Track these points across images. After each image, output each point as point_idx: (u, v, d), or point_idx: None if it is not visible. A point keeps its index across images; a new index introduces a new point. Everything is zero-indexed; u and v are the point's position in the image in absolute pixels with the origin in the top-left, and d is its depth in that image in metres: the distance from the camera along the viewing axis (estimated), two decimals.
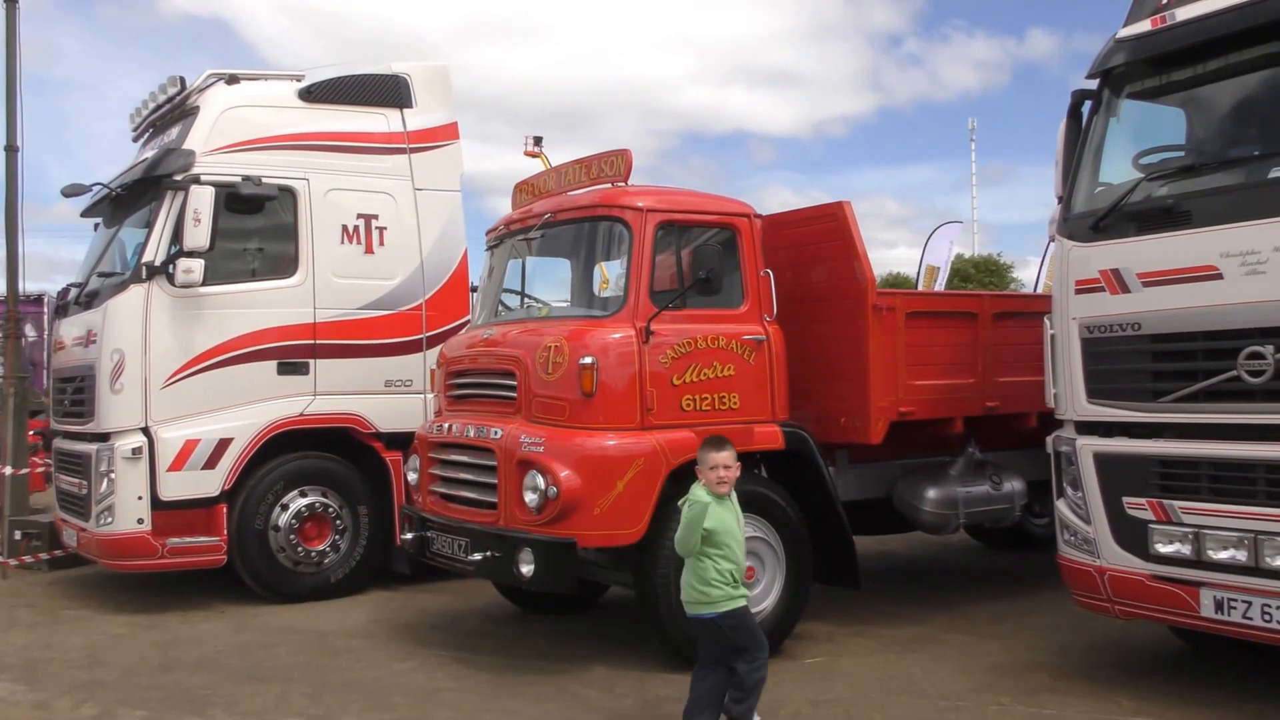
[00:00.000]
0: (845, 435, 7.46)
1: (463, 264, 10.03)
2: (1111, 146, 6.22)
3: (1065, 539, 6.25)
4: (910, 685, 6.32)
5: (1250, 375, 5.28)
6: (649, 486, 6.48)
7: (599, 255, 7.40)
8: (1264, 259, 5.21)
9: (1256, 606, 5.27)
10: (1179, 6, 5.84)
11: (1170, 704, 5.81)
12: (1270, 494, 5.25)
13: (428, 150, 9.95)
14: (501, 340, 7.34)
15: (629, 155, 7.16)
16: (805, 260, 7.57)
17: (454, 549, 7.05)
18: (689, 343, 6.80)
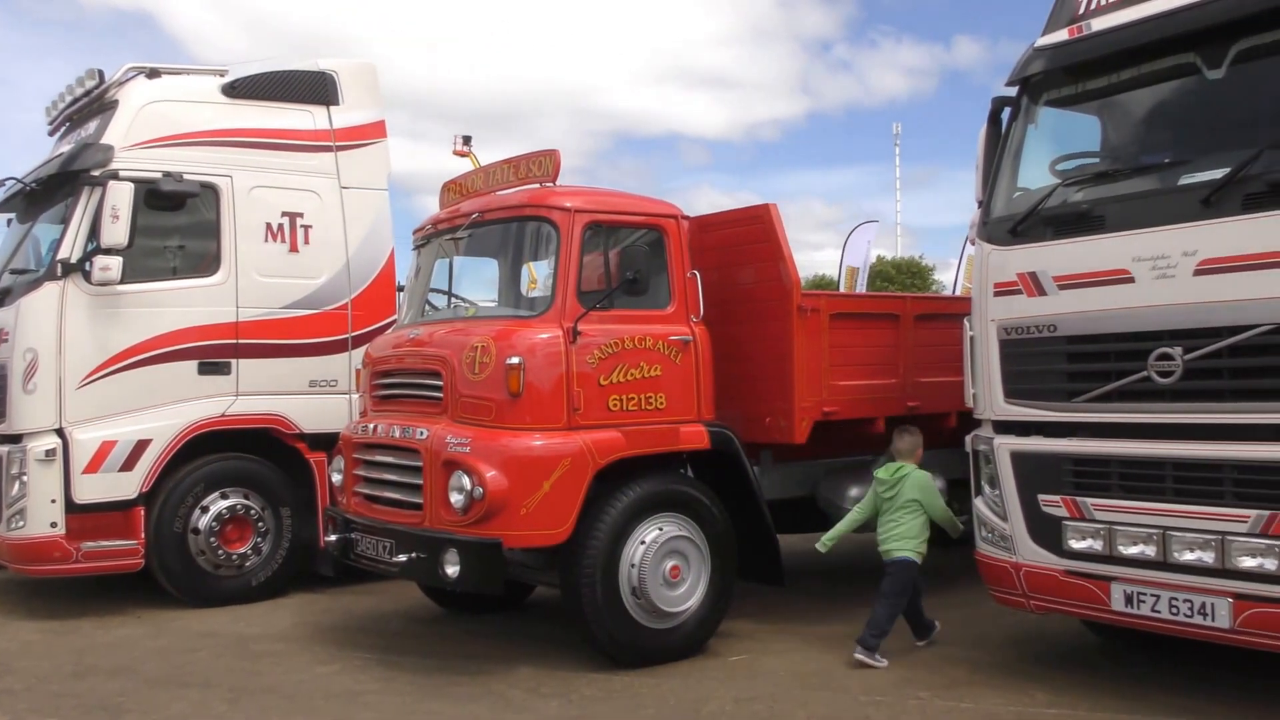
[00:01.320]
0: (770, 435, 7.53)
1: (389, 263, 9.94)
2: (1029, 152, 6.37)
3: (983, 536, 6.38)
4: (832, 681, 6.40)
5: (1160, 376, 5.43)
6: (575, 486, 6.49)
7: (526, 255, 7.40)
8: (1173, 263, 5.37)
9: (1164, 600, 5.43)
10: (1095, 17, 5.99)
11: (1083, 695, 5.96)
12: (1178, 491, 5.42)
13: (354, 148, 9.85)
14: (428, 340, 7.30)
15: (557, 155, 7.15)
16: (732, 262, 7.63)
17: (379, 550, 6.98)
18: (616, 343, 6.82)
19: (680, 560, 6.80)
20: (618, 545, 6.59)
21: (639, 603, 6.64)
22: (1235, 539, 5.16)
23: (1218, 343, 5.22)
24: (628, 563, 6.62)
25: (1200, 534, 5.29)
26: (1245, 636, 5.19)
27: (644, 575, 6.60)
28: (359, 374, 8.41)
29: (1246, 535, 5.12)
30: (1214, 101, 5.73)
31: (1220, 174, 5.24)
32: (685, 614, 6.84)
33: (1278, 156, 5.09)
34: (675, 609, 6.78)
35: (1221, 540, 5.20)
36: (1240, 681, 6.05)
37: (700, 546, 6.92)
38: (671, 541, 6.77)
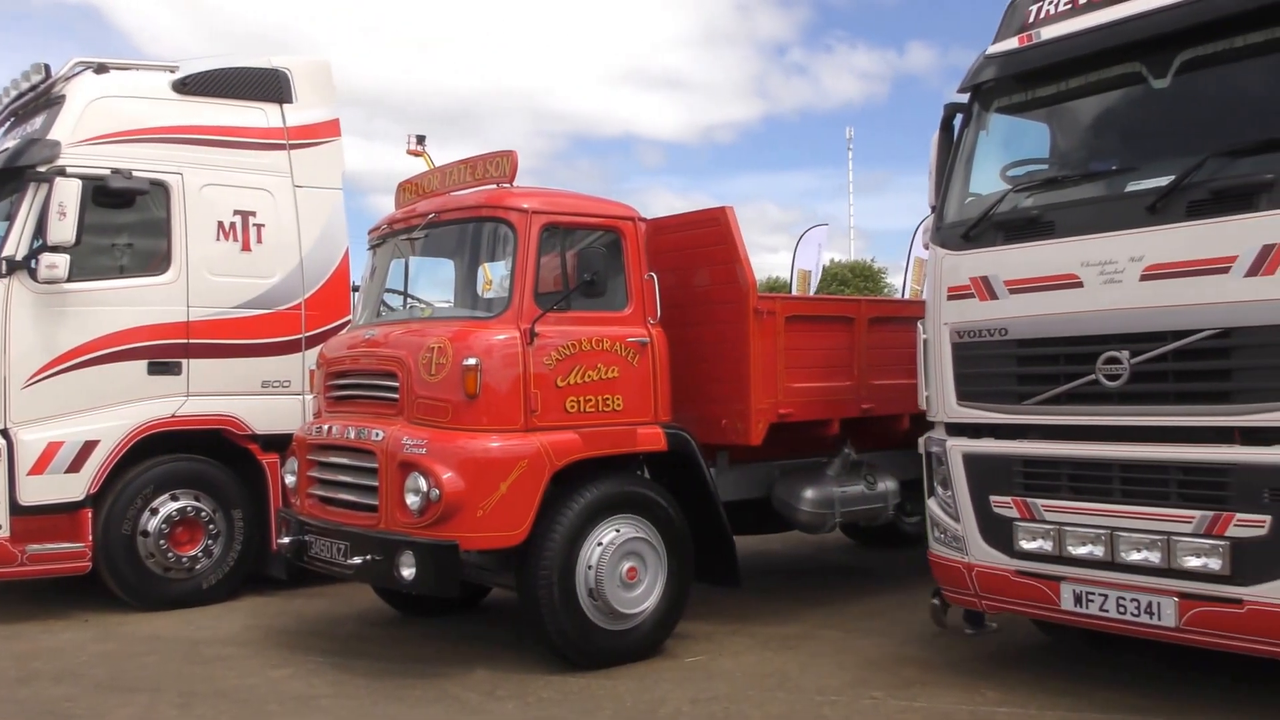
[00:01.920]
0: (726, 436, 7.57)
1: (344, 263, 9.85)
2: (981, 158, 6.46)
3: (935, 537, 6.46)
4: (787, 681, 6.45)
5: (1108, 379, 5.53)
6: (532, 488, 6.49)
7: (483, 256, 7.36)
8: (1121, 269, 5.47)
9: (1112, 599, 5.53)
10: (1044, 26, 6.09)
11: (1032, 693, 6.05)
12: (1125, 492, 5.52)
13: (308, 147, 9.75)
14: (384, 341, 7.26)
15: (514, 156, 7.15)
16: (689, 264, 7.66)
17: (333, 553, 6.93)
18: (573, 345, 6.82)
19: (637, 561, 6.82)
20: (575, 547, 6.59)
21: (596, 604, 6.65)
22: (1180, 539, 5.26)
23: (1163, 347, 5.32)
24: (585, 564, 6.63)
25: (1147, 534, 5.38)
26: (1190, 635, 5.29)
27: (601, 577, 6.61)
28: (313, 375, 8.35)
29: (1191, 535, 5.22)
30: (1160, 110, 5.84)
31: (1165, 181, 5.33)
32: (642, 615, 6.86)
33: (1220, 165, 5.20)
34: (632, 610, 6.80)
35: (1167, 540, 5.30)
36: (1185, 680, 6.17)
37: (657, 548, 6.94)
38: (628, 543, 6.79)
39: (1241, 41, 5.35)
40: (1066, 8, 6.02)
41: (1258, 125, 5.31)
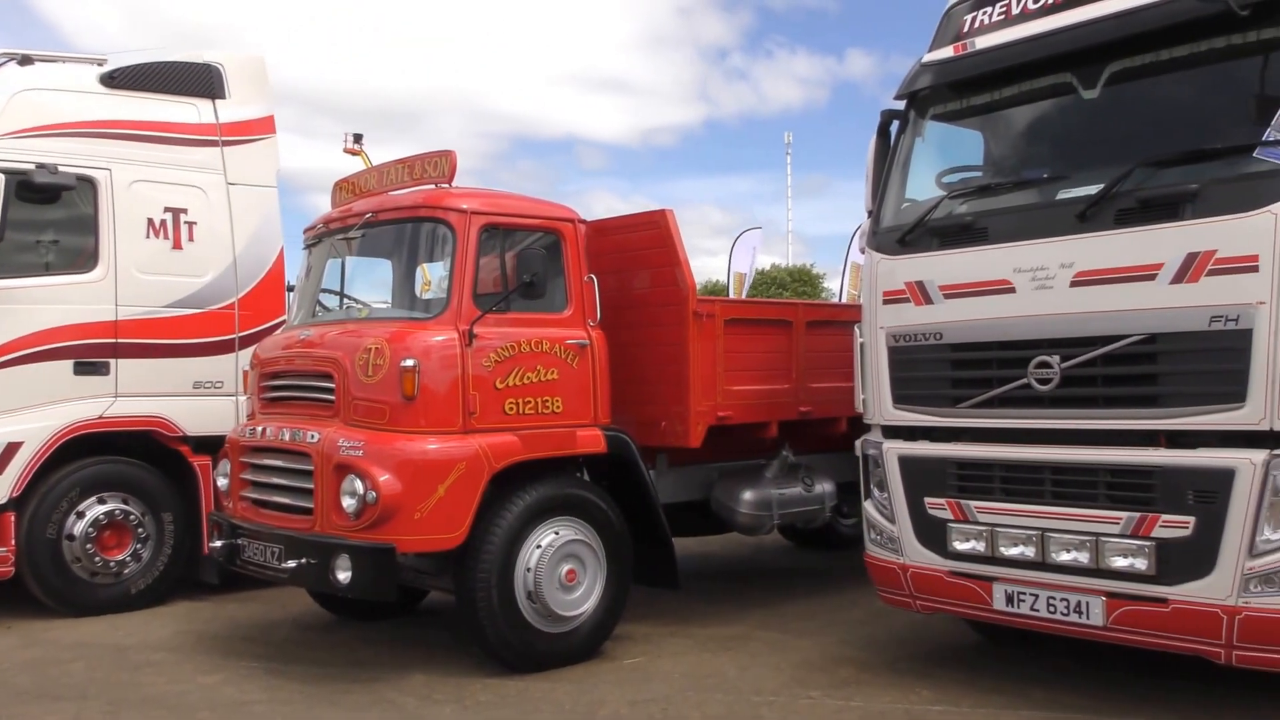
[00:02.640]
0: (665, 439, 7.59)
1: (279, 262, 9.71)
2: (917, 165, 6.54)
3: (872, 538, 6.54)
4: (725, 683, 6.49)
5: (1039, 383, 5.64)
6: (471, 490, 6.45)
7: (421, 257, 7.31)
8: (1052, 275, 5.58)
9: (1043, 599, 5.64)
10: (978, 36, 6.19)
11: (965, 692, 6.15)
12: (1056, 494, 5.62)
13: (241, 143, 9.60)
14: (319, 341, 7.17)
15: (453, 156, 7.10)
16: (629, 266, 7.67)
17: (266, 556, 6.83)
18: (512, 346, 6.80)
19: (576, 564, 6.82)
20: (513, 549, 6.57)
21: (534, 607, 6.63)
22: (1108, 540, 5.37)
23: (1092, 352, 5.43)
24: (523, 567, 6.61)
25: (1076, 535, 5.49)
26: (1116, 633, 5.41)
27: (540, 579, 6.60)
28: (246, 375, 8.22)
29: (1118, 536, 5.34)
30: (1090, 120, 5.97)
31: (1095, 190, 5.45)
32: (581, 618, 6.86)
33: (1147, 174, 5.33)
34: (571, 613, 6.79)
35: (1096, 541, 5.42)
36: (1113, 678, 6.31)
37: (596, 550, 6.94)
38: (567, 545, 6.78)
39: (1167, 55, 5.49)
40: (1000, 18, 6.12)
41: (1183, 136, 5.47)
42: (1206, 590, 5.05)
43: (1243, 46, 5.23)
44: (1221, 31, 5.22)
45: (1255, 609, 4.92)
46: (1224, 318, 5.00)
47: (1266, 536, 4.90)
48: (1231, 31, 5.20)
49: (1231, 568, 4.97)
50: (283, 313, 9.35)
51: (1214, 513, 5.02)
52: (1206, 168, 5.21)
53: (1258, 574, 4.91)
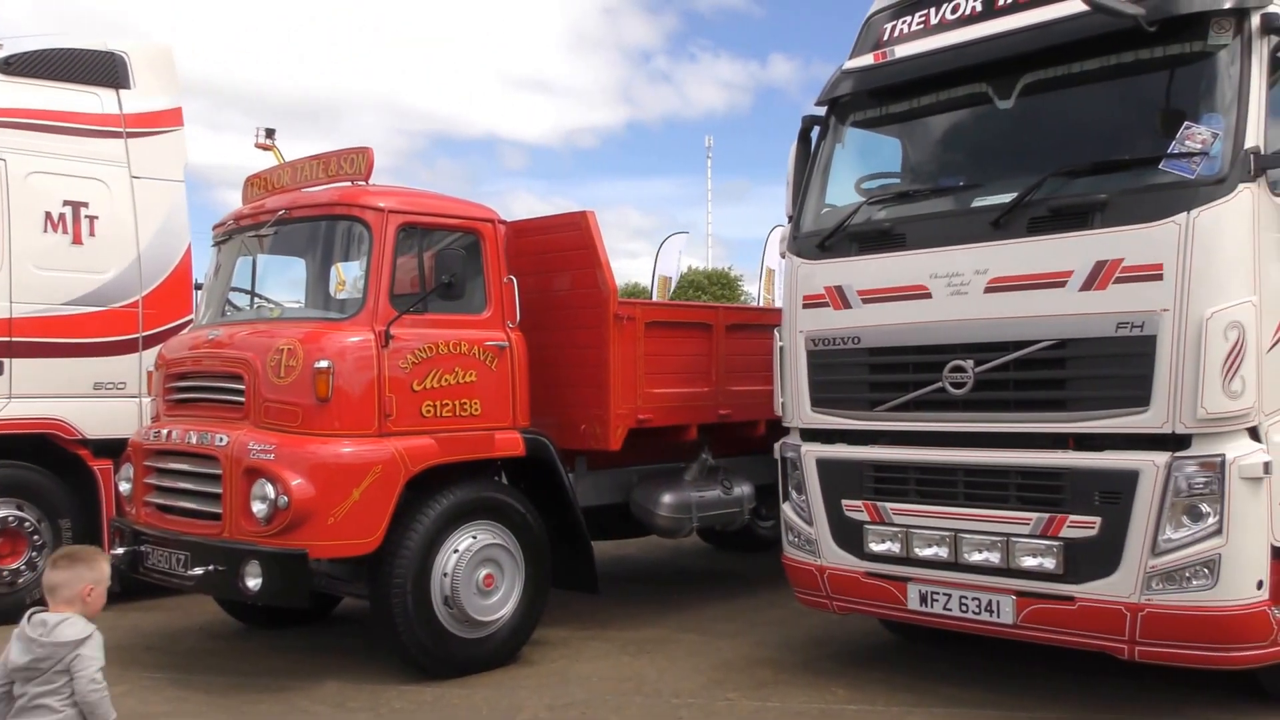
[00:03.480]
0: (585, 442, 7.56)
1: (186, 259, 9.44)
2: (837, 170, 6.63)
3: (789, 540, 6.60)
4: (644, 685, 6.48)
5: (953, 387, 5.74)
6: (386, 495, 6.35)
7: (336, 256, 7.16)
8: (966, 281, 5.69)
9: (955, 599, 5.74)
10: (898, 44, 6.28)
11: (880, 691, 6.24)
12: (969, 495, 5.74)
13: (147, 136, 9.31)
14: (229, 341, 6.99)
15: (370, 153, 6.98)
16: (549, 268, 7.63)
17: (172, 563, 6.64)
18: (430, 348, 6.71)
19: (494, 568, 6.75)
20: (430, 554, 6.48)
21: (451, 612, 6.55)
22: (1018, 540, 5.50)
23: (1004, 356, 5.55)
24: (440, 572, 6.52)
25: (988, 536, 5.61)
26: (1026, 631, 5.54)
27: (457, 584, 6.52)
28: (151, 376, 7.97)
29: (1028, 537, 5.46)
30: (1004, 129, 6.10)
31: (1009, 198, 5.57)
32: (499, 622, 6.79)
33: (1059, 184, 5.47)
34: (489, 618, 6.72)
35: (1006, 541, 5.54)
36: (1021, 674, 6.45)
37: (514, 554, 6.89)
38: (485, 549, 6.71)
39: (1079, 68, 5.66)
40: (919, 27, 6.22)
41: (1094, 147, 5.63)
42: (1111, 588, 5.20)
43: (1150, 61, 5.41)
44: (1131, 46, 5.40)
45: (1157, 605, 5.08)
46: (1130, 324, 5.15)
47: (1168, 535, 5.06)
48: (1140, 47, 5.37)
49: (1135, 566, 5.13)
50: (190, 311, 9.10)
51: (1119, 513, 5.18)
52: (1115, 178, 5.37)
53: (1159, 572, 5.08)
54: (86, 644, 3.81)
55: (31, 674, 3.74)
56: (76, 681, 3.74)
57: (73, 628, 3.81)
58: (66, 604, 3.92)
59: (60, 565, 4.01)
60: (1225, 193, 5.00)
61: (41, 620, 3.83)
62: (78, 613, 3.91)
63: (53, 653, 3.75)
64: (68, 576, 3.95)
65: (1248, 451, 5.00)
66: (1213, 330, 4.93)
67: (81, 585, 3.95)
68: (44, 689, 3.73)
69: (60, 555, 4.08)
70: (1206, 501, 5.00)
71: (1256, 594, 5.01)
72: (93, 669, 3.77)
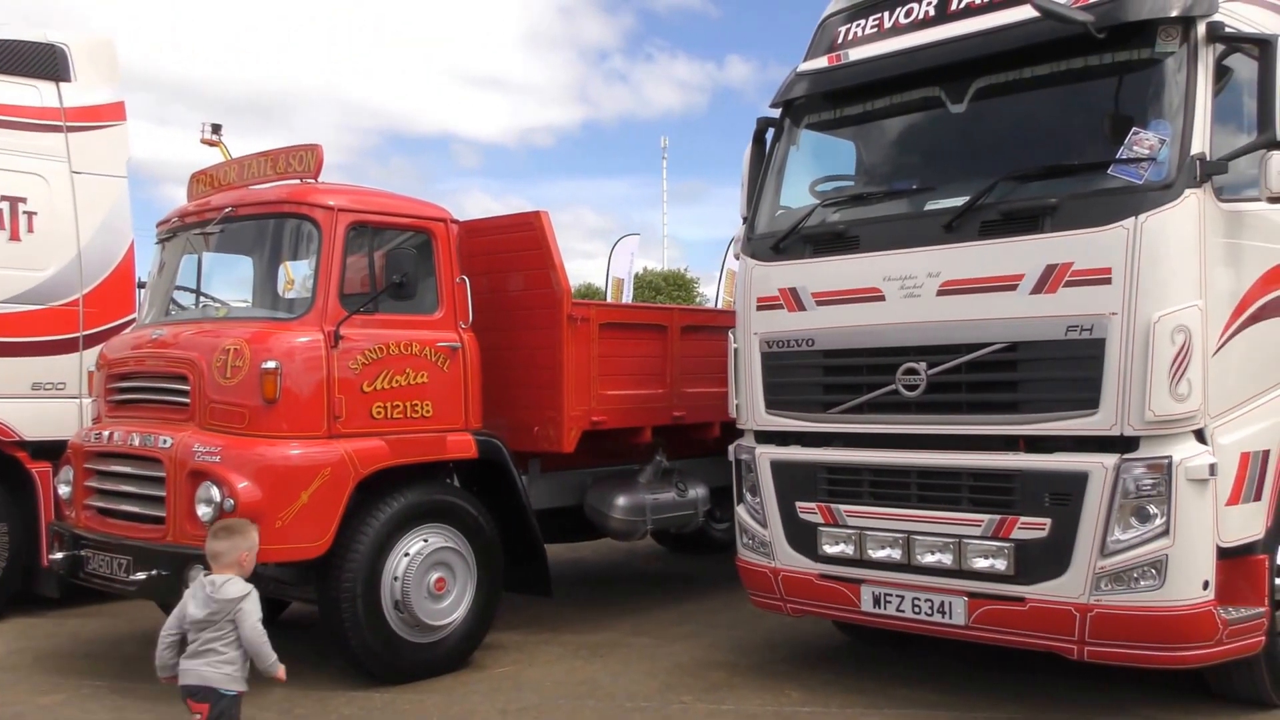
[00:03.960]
0: (538, 444, 7.52)
1: (128, 257, 9.26)
2: (791, 173, 6.65)
3: (744, 542, 6.59)
4: (598, 689, 6.45)
5: (907, 389, 5.77)
6: (335, 497, 6.26)
7: (284, 254, 7.05)
8: (920, 284, 5.72)
9: (908, 600, 5.77)
10: (852, 47, 6.31)
11: (833, 693, 6.26)
12: (922, 497, 5.77)
13: (88, 130, 9.11)
14: (173, 341, 6.85)
15: (319, 150, 6.88)
16: (502, 268, 7.58)
17: (113, 568, 6.49)
18: (380, 349, 6.62)
19: (446, 572, 6.68)
20: (380, 558, 6.41)
21: (402, 617, 6.48)
22: (970, 542, 5.53)
23: (956, 359, 5.59)
24: (390, 576, 6.45)
25: (940, 537, 5.64)
26: (978, 632, 5.58)
27: (408, 588, 6.44)
28: (92, 376, 7.79)
29: (980, 538, 5.51)
30: (957, 133, 6.15)
31: (961, 201, 5.61)
32: (450, 627, 6.72)
33: (1011, 188, 5.51)
34: (440, 622, 6.66)
35: (959, 543, 5.57)
36: (973, 675, 6.50)
37: (466, 558, 6.82)
38: (437, 553, 6.64)
39: (1030, 72, 5.71)
40: (873, 31, 6.25)
41: (1043, 151, 5.69)
42: (1061, 589, 5.25)
43: (1100, 67, 5.48)
44: (1080, 53, 5.46)
45: (1106, 606, 5.14)
46: (1079, 327, 5.21)
47: (1117, 536, 5.13)
48: (1089, 53, 5.44)
49: (1084, 567, 5.19)
50: (132, 310, 8.94)
51: (1069, 514, 5.23)
52: (1065, 183, 5.44)
53: (1108, 572, 5.14)
54: (247, 599, 4.70)
55: (205, 625, 4.66)
56: (241, 629, 4.64)
57: (235, 587, 4.71)
58: (227, 567, 4.80)
59: (220, 536, 4.88)
60: (1172, 198, 5.07)
61: (211, 581, 4.74)
62: (236, 574, 4.78)
63: (222, 607, 4.65)
64: (227, 545, 4.84)
65: (1194, 453, 5.08)
66: (1160, 334, 4.99)
67: (238, 553, 4.83)
68: (214, 635, 4.66)
69: (219, 528, 4.99)
70: (1154, 503, 5.07)
71: (1203, 594, 5.08)
72: (254, 619, 4.67)
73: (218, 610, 4.65)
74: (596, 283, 26.26)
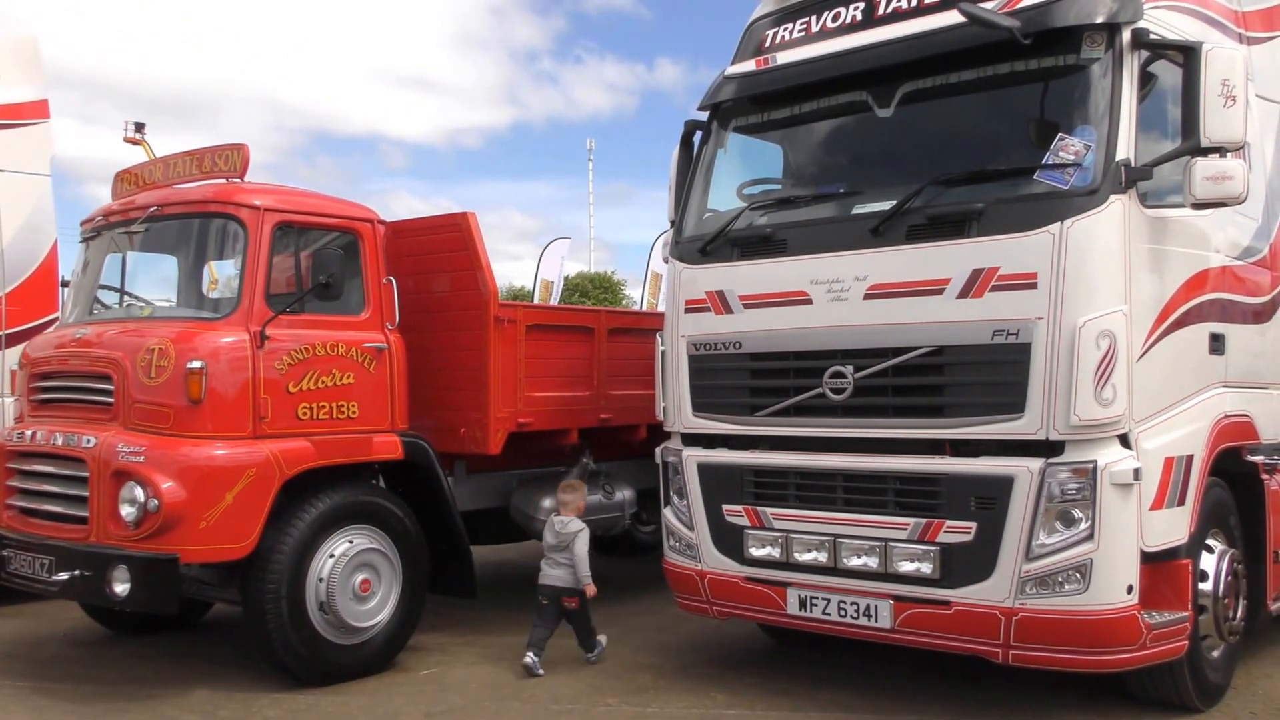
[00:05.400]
0: (464, 445, 7.48)
1: (51, 256, 9.13)
2: (719, 176, 6.63)
3: (670, 545, 6.58)
4: (522, 691, 6.41)
5: (833, 393, 5.78)
6: (260, 498, 6.20)
7: (210, 254, 6.95)
8: (846, 287, 5.74)
9: (834, 603, 5.79)
10: (780, 51, 6.34)
11: (758, 696, 6.26)
12: (848, 500, 5.79)
13: (10, 128, 8.97)
14: (97, 341, 6.73)
15: (246, 150, 6.80)
16: (429, 269, 7.52)
17: (35, 568, 6.39)
18: (306, 349, 6.55)
19: (371, 573, 6.63)
20: (305, 559, 6.35)
21: (327, 618, 6.41)
22: (896, 545, 5.56)
23: (883, 363, 5.61)
24: (315, 577, 6.38)
25: (866, 541, 5.66)
26: (903, 635, 5.61)
27: (333, 590, 6.38)
28: (14, 375, 7.63)
29: (905, 541, 5.53)
30: (884, 137, 6.17)
31: (888, 206, 5.63)
32: (375, 629, 6.67)
33: (936, 192, 5.55)
34: (365, 624, 6.60)
35: (885, 546, 5.59)
36: (896, 678, 6.55)
37: (392, 559, 6.77)
38: (362, 554, 6.59)
39: (957, 77, 5.74)
40: (801, 34, 6.28)
41: (970, 156, 5.73)
42: (986, 593, 5.29)
43: (1025, 73, 5.53)
44: (1007, 58, 5.50)
45: (1030, 610, 5.18)
46: (1005, 332, 5.24)
47: (1041, 541, 5.16)
48: (1015, 59, 5.48)
49: (1009, 571, 5.22)
50: (55, 309, 8.83)
51: (994, 518, 5.27)
52: (991, 188, 5.47)
53: (1033, 576, 5.18)
54: (581, 533, 6.93)
55: (555, 549, 6.92)
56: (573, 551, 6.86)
57: (575, 524, 6.95)
58: (570, 511, 7.04)
59: (567, 491, 7.14)
60: (1097, 203, 5.12)
61: (561, 520, 6.98)
62: (575, 515, 7.01)
63: (565, 539, 6.88)
64: (572, 497, 7.10)
65: (1119, 458, 5.13)
66: (1085, 339, 5.04)
67: (578, 502, 7.13)
68: (558, 555, 6.91)
69: (565, 486, 7.21)
70: (1079, 507, 5.12)
71: (1126, 599, 5.14)
72: (583, 546, 6.89)
73: (562, 537, 6.87)
74: (524, 284, 26.16)
